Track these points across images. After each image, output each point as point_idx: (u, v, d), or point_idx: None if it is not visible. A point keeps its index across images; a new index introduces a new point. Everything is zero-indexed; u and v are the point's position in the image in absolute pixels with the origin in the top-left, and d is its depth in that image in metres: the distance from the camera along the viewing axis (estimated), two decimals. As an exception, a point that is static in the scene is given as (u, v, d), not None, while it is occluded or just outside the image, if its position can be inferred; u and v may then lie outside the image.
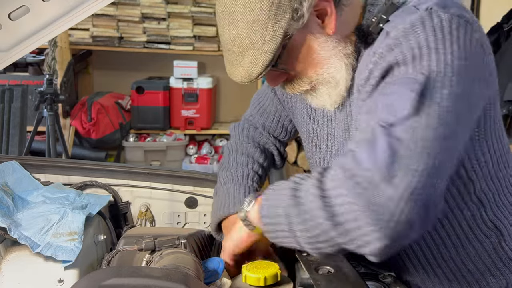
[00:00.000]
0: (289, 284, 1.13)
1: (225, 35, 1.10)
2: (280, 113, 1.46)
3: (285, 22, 1.05)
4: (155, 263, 1.09)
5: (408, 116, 0.95)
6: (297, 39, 1.09)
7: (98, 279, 0.94)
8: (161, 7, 4.24)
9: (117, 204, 1.57)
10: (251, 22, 1.05)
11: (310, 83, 1.16)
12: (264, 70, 1.08)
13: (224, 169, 1.42)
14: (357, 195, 0.93)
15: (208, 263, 1.20)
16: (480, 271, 1.20)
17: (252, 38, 1.06)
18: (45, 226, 1.20)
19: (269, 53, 1.06)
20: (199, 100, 4.35)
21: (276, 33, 1.05)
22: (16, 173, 1.46)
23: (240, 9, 1.06)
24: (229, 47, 1.11)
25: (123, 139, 4.30)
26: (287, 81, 1.18)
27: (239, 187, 1.35)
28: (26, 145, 3.39)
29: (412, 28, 1.01)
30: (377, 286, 1.13)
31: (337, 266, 1.08)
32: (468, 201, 1.15)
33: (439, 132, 0.95)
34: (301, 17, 1.06)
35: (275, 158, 1.51)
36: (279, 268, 1.12)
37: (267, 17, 1.04)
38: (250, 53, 1.07)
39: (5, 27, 1.43)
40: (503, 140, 1.18)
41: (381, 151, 0.94)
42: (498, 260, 1.20)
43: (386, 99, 1.00)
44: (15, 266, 1.15)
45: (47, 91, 3.33)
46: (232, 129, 1.54)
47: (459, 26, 1.01)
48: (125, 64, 4.58)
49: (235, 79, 1.13)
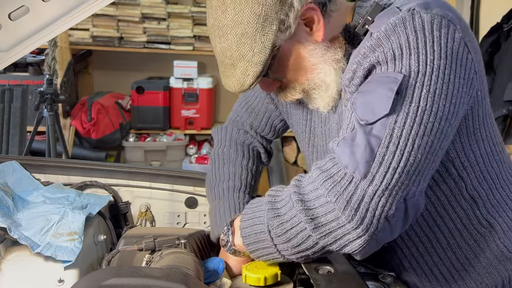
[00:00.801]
0: (289, 284, 1.13)
1: (216, 48, 1.14)
2: (270, 113, 1.46)
3: (272, 34, 1.07)
4: (155, 263, 1.09)
5: (386, 114, 0.97)
6: (286, 48, 1.12)
7: (98, 279, 0.94)
8: (161, 7, 4.24)
9: (117, 204, 1.57)
10: (239, 35, 1.08)
11: (302, 90, 1.18)
12: (255, 80, 1.11)
13: (210, 185, 1.43)
14: (336, 193, 0.97)
15: (208, 263, 1.20)
16: (476, 269, 1.20)
17: (241, 51, 1.09)
18: (45, 226, 1.20)
19: (259, 64, 1.09)
20: (199, 100, 4.35)
21: (265, 45, 1.08)
22: (16, 173, 1.46)
23: (229, 23, 1.08)
24: (221, 59, 1.14)
25: (123, 139, 4.30)
26: (280, 88, 1.21)
27: (225, 204, 1.36)
28: (26, 145, 3.39)
29: (393, 29, 1.02)
30: (377, 286, 1.13)
31: (337, 266, 1.08)
32: (460, 199, 1.16)
33: (417, 130, 0.97)
34: (288, 27, 1.09)
35: (261, 156, 1.51)
36: (279, 268, 1.13)
37: (255, 29, 1.07)
38: (241, 64, 1.10)
39: (5, 27, 1.43)
40: (495, 138, 1.18)
41: (359, 149, 0.97)
42: (493, 258, 1.20)
43: (365, 98, 1.02)
44: (15, 266, 1.15)
45: (47, 91, 3.33)
46: (214, 134, 1.54)
47: (440, 26, 1.01)
48: (125, 64, 4.58)
49: (229, 89, 1.16)
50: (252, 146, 1.49)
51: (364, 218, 0.96)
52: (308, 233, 1.01)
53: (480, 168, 1.15)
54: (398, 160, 0.96)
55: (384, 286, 1.13)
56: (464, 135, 1.12)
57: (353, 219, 0.96)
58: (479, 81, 1.10)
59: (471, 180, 1.15)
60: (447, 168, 1.12)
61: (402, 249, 1.21)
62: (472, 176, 1.15)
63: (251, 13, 1.06)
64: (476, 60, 1.07)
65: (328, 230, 0.99)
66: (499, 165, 1.19)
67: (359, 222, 0.96)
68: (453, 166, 1.13)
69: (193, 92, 4.33)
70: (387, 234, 1.00)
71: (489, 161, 1.17)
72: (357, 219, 0.96)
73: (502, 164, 1.20)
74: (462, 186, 1.15)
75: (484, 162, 1.16)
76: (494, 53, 3.73)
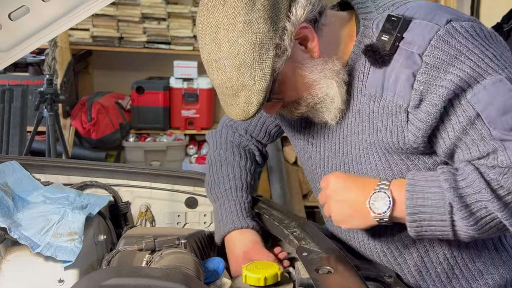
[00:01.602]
0: (289, 284, 1.13)
1: (215, 80, 1.13)
2: (265, 119, 1.46)
3: (270, 60, 1.07)
4: (155, 263, 1.10)
5: None
6: (286, 70, 1.12)
7: (98, 279, 0.94)
8: (161, 7, 4.24)
9: (117, 204, 1.57)
10: (237, 66, 1.07)
11: (307, 105, 1.17)
12: (260, 107, 1.11)
13: (211, 186, 1.44)
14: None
15: (208, 263, 1.21)
16: (479, 269, 1.21)
17: (242, 81, 1.08)
18: (45, 226, 1.20)
19: (262, 92, 1.09)
20: (199, 100, 4.35)
21: (264, 72, 1.07)
22: (16, 173, 1.46)
23: (225, 55, 1.08)
24: (221, 90, 1.13)
25: (123, 139, 4.30)
26: (283, 107, 1.20)
27: (226, 204, 1.37)
28: (26, 145, 3.39)
29: (448, 44, 1.05)
30: (377, 286, 1.13)
31: (337, 266, 1.08)
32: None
33: None
34: (285, 51, 1.08)
35: (257, 158, 1.52)
36: (279, 268, 1.13)
37: (252, 58, 1.06)
38: (243, 94, 1.09)
39: (5, 27, 1.43)
40: None
41: None
42: (497, 258, 1.21)
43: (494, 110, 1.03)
44: (15, 266, 1.15)
45: (47, 91, 3.33)
46: (209, 137, 1.54)
47: (481, 29, 1.07)
48: (125, 64, 4.58)
49: (233, 117, 1.15)
50: (248, 148, 1.50)
51: None
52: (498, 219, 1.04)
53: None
54: None
55: (384, 286, 1.13)
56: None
57: None
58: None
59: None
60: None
61: (408, 247, 1.21)
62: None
63: (246, 42, 1.05)
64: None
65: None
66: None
67: None
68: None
69: (193, 92, 4.33)
70: None
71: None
72: None
73: None
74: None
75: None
76: (494, 53, 3.73)
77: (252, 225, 1.33)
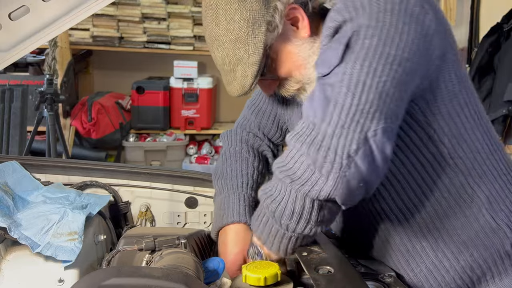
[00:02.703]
0: (289, 284, 1.13)
1: (216, 58, 1.24)
2: (276, 112, 1.49)
3: (262, 35, 1.18)
4: (155, 263, 1.10)
5: (338, 64, 1.05)
6: (277, 47, 1.22)
7: (98, 279, 0.94)
8: (161, 7, 4.25)
9: (117, 204, 1.57)
10: (233, 41, 1.19)
11: (299, 82, 1.25)
12: (254, 80, 1.20)
13: (220, 178, 1.44)
14: (303, 142, 1.04)
15: (208, 263, 1.21)
16: (465, 241, 1.20)
17: (238, 55, 1.20)
18: (45, 226, 1.20)
19: (255, 64, 1.19)
20: (199, 100, 4.35)
21: (257, 45, 1.19)
22: (16, 173, 1.46)
23: (223, 32, 1.20)
24: (222, 67, 1.24)
25: (123, 139, 4.30)
26: (279, 85, 1.28)
27: (235, 197, 1.38)
28: (26, 145, 3.39)
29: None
30: (377, 286, 1.13)
31: (337, 266, 1.08)
32: (445, 166, 1.17)
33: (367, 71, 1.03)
34: (276, 27, 1.19)
35: (269, 161, 1.53)
36: (279, 268, 1.13)
37: (246, 33, 1.18)
38: (240, 68, 1.21)
39: (5, 27, 1.43)
40: (476, 108, 1.20)
41: (316, 98, 1.06)
42: (480, 230, 1.20)
43: (322, 55, 1.12)
44: (15, 266, 1.15)
45: (47, 91, 3.33)
46: (224, 136, 1.56)
47: None
48: (125, 64, 4.59)
49: (233, 94, 1.25)
50: (261, 150, 1.52)
51: (327, 156, 1.01)
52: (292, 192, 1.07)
53: (462, 135, 1.17)
54: (351, 99, 1.02)
55: (384, 286, 1.13)
56: (440, 99, 1.15)
57: (318, 159, 1.01)
58: (446, 43, 1.13)
59: (454, 146, 1.17)
60: (427, 132, 1.15)
61: (392, 221, 1.22)
62: (454, 142, 1.17)
63: (241, 19, 1.18)
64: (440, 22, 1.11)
65: (304, 180, 1.04)
66: (484, 136, 1.21)
67: (323, 160, 1.01)
68: (433, 130, 1.15)
69: (193, 92, 4.34)
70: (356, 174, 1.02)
71: (472, 129, 1.18)
72: (320, 158, 1.01)
73: (487, 136, 1.21)
74: (445, 152, 1.17)
75: (466, 130, 1.18)
76: (494, 53, 3.73)
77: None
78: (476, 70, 3.78)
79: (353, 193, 1.04)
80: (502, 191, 1.22)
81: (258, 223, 1.18)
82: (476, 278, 1.22)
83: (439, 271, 1.22)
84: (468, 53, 4.25)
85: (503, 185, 1.22)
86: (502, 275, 1.22)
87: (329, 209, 1.09)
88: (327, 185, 1.02)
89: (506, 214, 1.21)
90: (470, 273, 1.21)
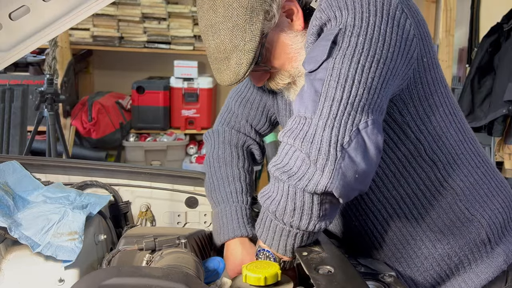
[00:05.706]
0: (289, 284, 1.13)
1: (210, 46, 1.25)
2: (265, 102, 1.49)
3: (260, 23, 1.20)
4: (155, 262, 1.10)
5: (325, 59, 1.08)
6: (272, 37, 1.25)
7: (98, 278, 0.94)
8: (161, 7, 4.25)
9: (118, 203, 1.57)
10: (231, 28, 1.20)
11: (290, 76, 1.27)
12: (249, 67, 1.21)
13: (211, 191, 1.45)
14: (295, 137, 1.05)
15: (208, 263, 1.21)
16: (442, 230, 1.26)
17: (234, 42, 1.21)
18: (45, 225, 1.20)
19: (251, 51, 1.20)
20: (199, 100, 4.35)
21: (254, 33, 1.20)
22: (16, 173, 1.46)
23: (220, 19, 1.21)
24: (215, 56, 1.25)
25: (123, 139, 4.30)
26: (270, 78, 1.30)
27: (227, 210, 1.38)
28: (26, 145, 3.39)
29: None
30: (377, 286, 1.13)
31: (337, 266, 1.08)
32: (421, 161, 1.23)
33: (355, 67, 1.06)
34: (273, 17, 1.22)
35: (256, 156, 1.55)
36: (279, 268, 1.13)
37: (244, 21, 1.20)
38: (235, 55, 1.21)
39: (5, 27, 1.43)
40: (451, 107, 1.26)
41: (306, 94, 1.09)
42: (456, 220, 1.26)
43: (310, 53, 1.14)
44: (15, 265, 1.15)
45: (48, 91, 3.33)
46: (206, 138, 1.56)
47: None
48: (125, 64, 4.59)
49: (224, 83, 1.25)
50: (246, 145, 1.52)
51: (321, 149, 1.02)
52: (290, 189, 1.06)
53: (437, 132, 1.23)
54: (341, 92, 1.05)
55: (384, 286, 1.13)
56: (416, 99, 1.20)
57: (311, 152, 1.02)
58: (423, 47, 1.17)
59: (429, 143, 1.22)
60: (404, 130, 1.20)
61: (373, 212, 1.26)
62: (430, 139, 1.22)
63: (239, 6, 1.19)
64: (418, 27, 1.15)
65: (300, 175, 1.04)
66: (458, 134, 1.26)
67: (317, 153, 1.02)
68: (409, 128, 1.20)
69: (194, 92, 4.34)
70: (350, 165, 1.03)
71: (447, 127, 1.24)
72: (314, 151, 1.02)
73: (462, 133, 1.27)
74: (421, 148, 1.22)
75: (441, 128, 1.23)
76: (494, 53, 3.73)
77: (252, 234, 1.34)
78: (476, 70, 3.78)
79: (350, 186, 1.05)
80: (477, 183, 1.27)
81: (262, 227, 1.17)
82: (454, 265, 1.28)
83: (418, 257, 1.27)
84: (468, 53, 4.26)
85: (477, 178, 1.28)
86: (478, 261, 1.28)
87: (330, 202, 1.09)
88: (324, 178, 1.02)
89: (481, 205, 1.27)
90: (448, 261, 1.27)
